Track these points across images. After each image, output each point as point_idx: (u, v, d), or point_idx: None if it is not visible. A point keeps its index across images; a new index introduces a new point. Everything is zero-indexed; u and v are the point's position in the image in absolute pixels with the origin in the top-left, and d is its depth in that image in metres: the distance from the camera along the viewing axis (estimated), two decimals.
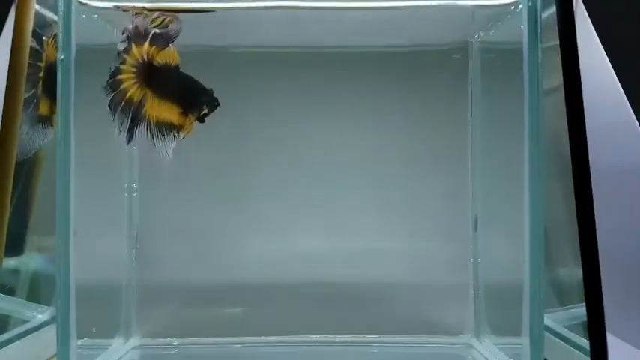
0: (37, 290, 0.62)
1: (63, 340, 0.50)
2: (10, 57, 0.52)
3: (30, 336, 0.58)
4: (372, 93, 0.66)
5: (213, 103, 0.58)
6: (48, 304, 0.62)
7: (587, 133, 0.47)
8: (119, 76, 0.56)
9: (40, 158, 0.60)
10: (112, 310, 0.64)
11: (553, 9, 0.49)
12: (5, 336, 0.56)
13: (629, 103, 0.59)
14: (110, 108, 0.56)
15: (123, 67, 0.56)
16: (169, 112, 0.57)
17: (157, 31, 0.55)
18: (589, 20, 0.58)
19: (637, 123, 0.59)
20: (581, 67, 0.48)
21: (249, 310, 0.66)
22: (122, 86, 0.56)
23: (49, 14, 0.58)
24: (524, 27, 0.50)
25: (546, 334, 0.52)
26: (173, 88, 0.57)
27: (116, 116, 0.56)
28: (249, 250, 0.66)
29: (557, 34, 0.49)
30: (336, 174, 0.66)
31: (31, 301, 0.61)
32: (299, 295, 0.65)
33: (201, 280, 0.66)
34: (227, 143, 0.66)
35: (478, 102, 0.65)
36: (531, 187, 0.50)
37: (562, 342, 0.53)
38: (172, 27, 0.56)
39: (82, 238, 0.51)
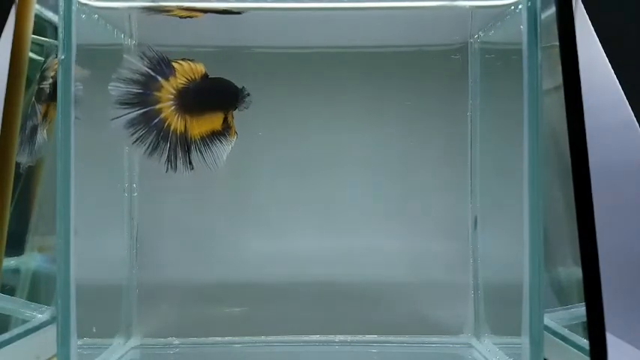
0: (37, 290, 0.62)
1: (63, 340, 0.50)
2: (10, 58, 0.52)
3: (30, 336, 0.58)
4: (371, 93, 0.66)
5: (242, 95, 0.59)
6: (48, 304, 0.62)
7: (587, 133, 0.47)
8: (161, 115, 0.56)
9: (41, 158, 0.60)
10: (112, 310, 0.64)
11: (553, 9, 0.49)
12: (5, 336, 0.56)
13: (629, 103, 0.59)
14: (158, 145, 0.56)
15: (160, 106, 0.56)
16: (210, 123, 0.57)
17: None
18: (589, 20, 0.58)
19: (637, 123, 0.59)
20: (581, 67, 0.48)
21: (249, 310, 0.66)
22: (166, 123, 0.56)
23: (49, 14, 0.58)
24: (523, 27, 0.50)
25: (546, 334, 0.52)
26: (207, 99, 0.58)
27: (168, 152, 0.56)
28: (248, 250, 0.66)
29: (557, 34, 0.49)
30: (336, 174, 0.66)
31: (31, 301, 0.61)
32: (299, 295, 0.65)
33: (201, 280, 0.66)
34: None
35: (478, 102, 0.65)
36: (531, 186, 0.50)
37: (562, 342, 0.53)
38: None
39: (82, 238, 0.51)
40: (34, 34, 0.54)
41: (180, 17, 0.56)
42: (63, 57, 0.50)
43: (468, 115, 0.66)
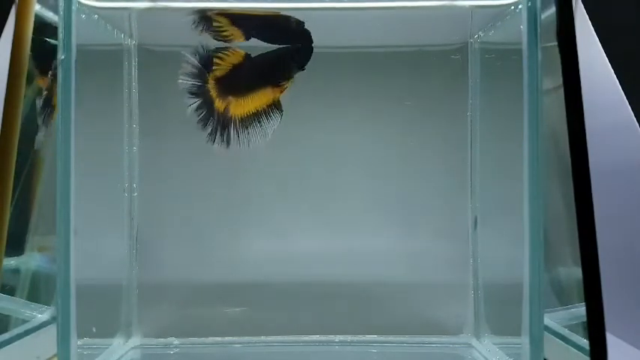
0: (37, 290, 0.62)
1: (63, 340, 0.50)
2: (10, 57, 0.52)
3: (30, 336, 0.58)
4: (371, 93, 0.66)
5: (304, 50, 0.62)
6: (48, 304, 0.62)
7: (587, 133, 0.47)
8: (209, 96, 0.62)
9: (41, 158, 0.60)
10: (112, 310, 0.64)
11: (553, 9, 0.49)
12: (5, 336, 0.56)
13: (629, 103, 0.59)
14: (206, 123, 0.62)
15: (206, 87, 0.62)
16: (259, 100, 0.61)
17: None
18: (589, 20, 0.58)
19: (637, 123, 0.59)
20: (581, 67, 0.48)
21: (250, 310, 0.66)
22: (212, 103, 0.62)
23: (49, 14, 0.58)
24: (523, 27, 0.50)
25: (546, 334, 0.52)
26: (254, 78, 0.62)
27: (213, 130, 0.62)
28: (248, 250, 0.66)
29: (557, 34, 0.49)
30: (336, 174, 0.66)
31: (31, 301, 0.61)
32: (299, 295, 0.65)
33: (201, 279, 0.66)
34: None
35: (478, 102, 0.65)
36: (531, 186, 0.50)
37: (562, 342, 0.53)
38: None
39: (82, 238, 0.51)
40: (34, 34, 0.54)
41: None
42: (63, 57, 0.50)
43: (468, 115, 0.66)
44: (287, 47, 0.62)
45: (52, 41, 0.58)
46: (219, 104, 0.61)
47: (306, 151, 0.66)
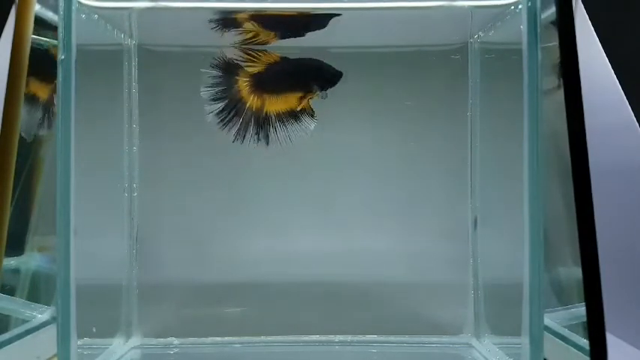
0: (37, 290, 0.62)
1: (63, 340, 0.50)
2: (10, 57, 0.52)
3: (30, 336, 0.58)
4: (371, 93, 0.66)
5: (332, 78, 0.63)
6: (48, 304, 0.62)
7: (587, 133, 0.47)
8: (239, 95, 0.63)
9: (41, 158, 0.60)
10: (112, 310, 0.64)
11: (553, 9, 0.49)
12: (5, 336, 0.56)
13: (629, 103, 0.59)
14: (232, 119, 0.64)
15: (239, 84, 0.63)
16: (286, 102, 0.63)
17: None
18: (589, 20, 0.58)
19: (637, 123, 0.59)
20: (581, 67, 0.48)
21: (249, 310, 0.66)
22: (243, 101, 0.63)
23: (49, 14, 0.58)
24: (523, 27, 0.50)
25: (546, 334, 0.52)
26: (284, 82, 0.63)
27: (244, 126, 0.63)
28: (248, 250, 0.66)
29: (557, 34, 0.49)
30: (336, 173, 0.66)
31: (31, 301, 0.61)
32: (299, 295, 0.65)
33: (201, 279, 0.66)
34: (227, 143, 0.66)
35: (478, 102, 0.65)
36: (531, 186, 0.50)
37: (562, 342, 0.53)
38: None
39: (82, 238, 0.51)
40: (34, 34, 0.54)
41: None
42: (63, 57, 0.50)
43: (468, 115, 0.66)
44: (319, 64, 0.63)
45: (52, 41, 0.58)
46: (253, 102, 0.62)
47: (306, 150, 0.66)
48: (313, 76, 0.63)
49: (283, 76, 0.63)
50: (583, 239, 0.46)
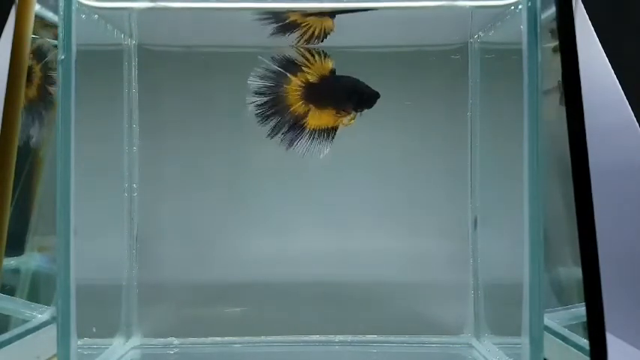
0: (37, 290, 0.62)
1: (63, 340, 0.50)
2: (10, 57, 0.52)
3: (30, 336, 0.58)
4: None
5: (367, 101, 0.63)
6: (48, 304, 0.62)
7: (587, 133, 0.47)
8: (286, 99, 0.63)
9: (41, 158, 0.60)
10: (112, 310, 0.64)
11: (553, 9, 0.49)
12: (5, 336, 0.56)
13: (629, 103, 0.59)
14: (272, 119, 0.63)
15: (288, 88, 0.63)
16: (327, 118, 0.63)
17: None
18: (589, 20, 0.58)
19: (637, 123, 0.59)
20: (581, 67, 0.48)
21: (249, 310, 0.66)
22: (288, 104, 0.63)
23: (49, 14, 0.58)
24: (523, 27, 0.50)
25: (546, 334, 0.52)
26: (330, 96, 0.63)
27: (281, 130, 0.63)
28: (249, 250, 0.66)
29: (556, 34, 0.49)
30: (335, 173, 0.66)
31: (31, 301, 0.61)
32: (299, 295, 0.65)
33: (201, 279, 0.66)
34: (227, 143, 0.66)
35: (478, 102, 0.65)
36: (531, 186, 0.50)
37: (562, 342, 0.53)
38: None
39: (82, 238, 0.51)
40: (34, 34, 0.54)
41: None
42: (63, 57, 0.50)
43: (468, 115, 0.66)
44: (360, 85, 0.64)
45: (52, 41, 0.58)
46: (299, 108, 0.62)
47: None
48: (354, 97, 0.63)
49: (332, 92, 0.63)
50: (583, 239, 0.46)
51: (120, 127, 0.65)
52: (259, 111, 0.63)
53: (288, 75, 0.63)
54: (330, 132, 0.63)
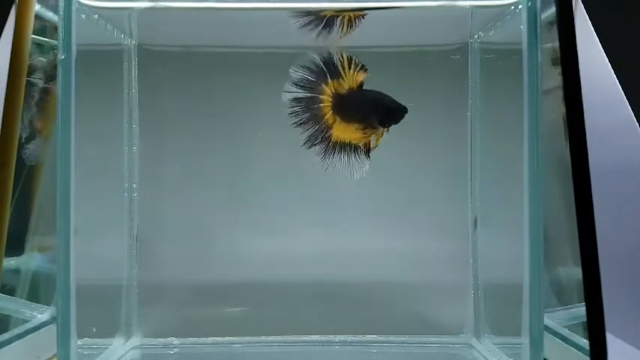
0: (37, 290, 0.62)
1: (63, 340, 0.50)
2: (10, 58, 0.52)
3: (30, 336, 0.58)
4: None
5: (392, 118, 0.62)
6: (48, 304, 0.62)
7: (587, 133, 0.47)
8: (321, 107, 0.61)
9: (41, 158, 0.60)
10: (112, 310, 0.64)
11: (553, 9, 0.49)
12: (5, 336, 0.56)
13: (629, 103, 0.59)
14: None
15: (322, 97, 0.61)
16: (351, 132, 0.61)
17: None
18: (589, 20, 0.58)
19: (637, 123, 0.59)
20: (581, 67, 0.48)
21: (249, 310, 0.66)
22: (322, 116, 0.61)
23: (49, 14, 0.58)
24: (523, 27, 0.50)
25: (546, 334, 0.52)
26: (356, 110, 0.61)
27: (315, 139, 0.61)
28: (249, 250, 0.66)
29: (556, 34, 0.49)
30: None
31: (31, 301, 0.61)
32: (299, 295, 0.65)
33: (201, 279, 0.66)
34: (227, 143, 0.66)
35: (478, 102, 0.65)
36: (531, 186, 0.50)
37: (562, 342, 0.53)
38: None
39: (82, 238, 0.51)
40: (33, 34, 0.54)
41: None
42: (63, 57, 0.50)
43: (468, 115, 0.66)
44: (386, 100, 0.62)
45: (52, 41, 0.58)
46: (329, 117, 0.61)
47: (305, 151, 0.66)
48: (379, 112, 0.62)
49: (358, 106, 0.62)
50: (583, 239, 0.46)
51: (120, 127, 0.65)
52: (293, 107, 0.61)
53: (328, 78, 0.62)
54: (358, 150, 0.62)
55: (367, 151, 0.61)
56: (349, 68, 0.60)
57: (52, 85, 0.58)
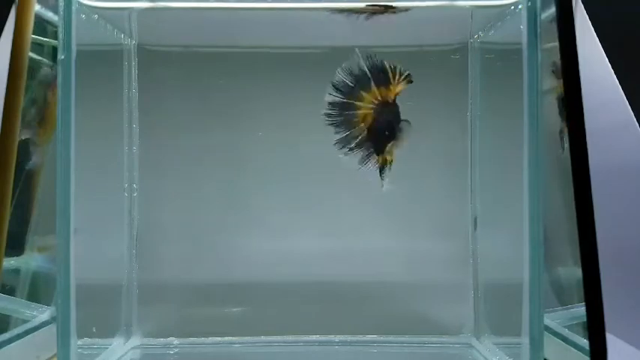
0: (37, 290, 0.62)
1: (63, 340, 0.50)
2: (10, 58, 0.52)
3: (30, 336, 0.58)
4: None
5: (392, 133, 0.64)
6: (48, 304, 0.62)
7: (587, 133, 0.47)
8: (357, 110, 0.63)
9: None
10: (112, 310, 0.64)
11: (553, 9, 0.49)
12: (5, 336, 0.56)
13: (629, 103, 0.59)
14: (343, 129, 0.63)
15: (360, 103, 0.63)
16: (376, 141, 0.63)
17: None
18: (589, 20, 0.58)
19: (637, 123, 0.59)
20: (581, 67, 0.48)
21: (249, 310, 0.66)
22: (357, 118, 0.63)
23: (49, 14, 0.58)
24: (523, 27, 0.50)
25: (546, 334, 0.52)
26: (385, 122, 0.63)
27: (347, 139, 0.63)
28: (248, 250, 0.66)
29: (556, 34, 0.49)
30: (335, 173, 0.66)
31: (31, 301, 0.61)
32: (299, 295, 0.65)
33: (201, 279, 0.66)
34: (227, 143, 0.66)
35: (478, 102, 0.65)
36: (531, 186, 0.50)
37: (562, 342, 0.53)
38: None
39: (82, 238, 0.51)
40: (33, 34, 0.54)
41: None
42: (62, 57, 0.50)
43: (468, 115, 0.66)
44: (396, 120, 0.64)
45: (52, 41, 0.58)
46: (363, 123, 0.62)
47: (305, 150, 0.66)
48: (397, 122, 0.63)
49: (394, 115, 0.63)
50: (583, 239, 0.46)
51: (120, 127, 0.65)
52: (331, 110, 0.63)
53: (372, 82, 0.63)
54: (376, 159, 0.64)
55: (389, 162, 0.63)
56: (395, 79, 0.62)
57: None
